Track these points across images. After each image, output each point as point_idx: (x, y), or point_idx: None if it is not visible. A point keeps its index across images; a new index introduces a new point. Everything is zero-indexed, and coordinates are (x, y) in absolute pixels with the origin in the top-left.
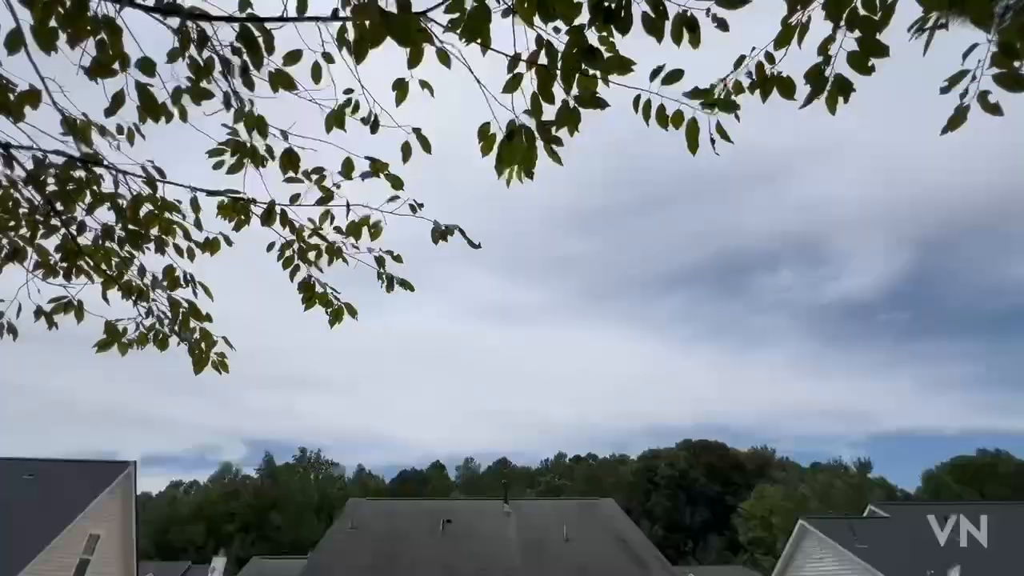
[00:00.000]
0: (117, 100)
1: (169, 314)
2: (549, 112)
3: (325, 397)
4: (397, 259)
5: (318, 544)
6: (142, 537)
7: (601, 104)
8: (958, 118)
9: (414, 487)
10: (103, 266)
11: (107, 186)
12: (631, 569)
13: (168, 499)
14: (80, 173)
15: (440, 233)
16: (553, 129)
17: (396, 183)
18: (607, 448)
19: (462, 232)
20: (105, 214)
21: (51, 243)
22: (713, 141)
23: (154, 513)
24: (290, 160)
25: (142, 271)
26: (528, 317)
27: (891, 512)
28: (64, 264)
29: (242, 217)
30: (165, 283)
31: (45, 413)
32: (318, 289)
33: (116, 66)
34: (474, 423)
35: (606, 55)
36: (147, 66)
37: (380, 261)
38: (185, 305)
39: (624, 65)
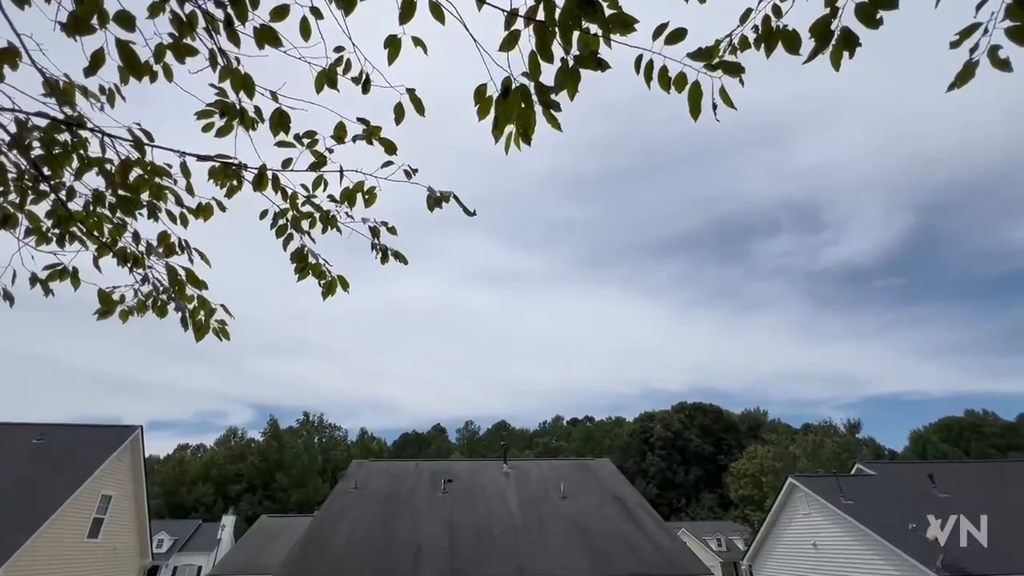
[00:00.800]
0: (97, 58)
1: (166, 282)
2: (548, 74)
3: (326, 363)
4: (392, 231)
5: (323, 503)
6: (152, 498)
7: (602, 65)
8: (967, 74)
9: (415, 449)
10: (96, 232)
11: (94, 150)
12: (626, 525)
13: (175, 461)
14: (65, 136)
15: (435, 200)
16: (552, 92)
17: (390, 148)
18: (604, 411)
19: (457, 199)
20: (94, 179)
21: (41, 209)
22: (715, 106)
23: (163, 475)
24: (281, 120)
25: (136, 237)
26: (527, 283)
27: (877, 470)
28: (56, 231)
29: (234, 183)
30: (160, 250)
31: (46, 381)
32: (311, 260)
33: (95, 21)
34: (473, 387)
35: (607, 11)
36: (126, 20)
37: (375, 232)
38: (182, 272)
39: (626, 24)
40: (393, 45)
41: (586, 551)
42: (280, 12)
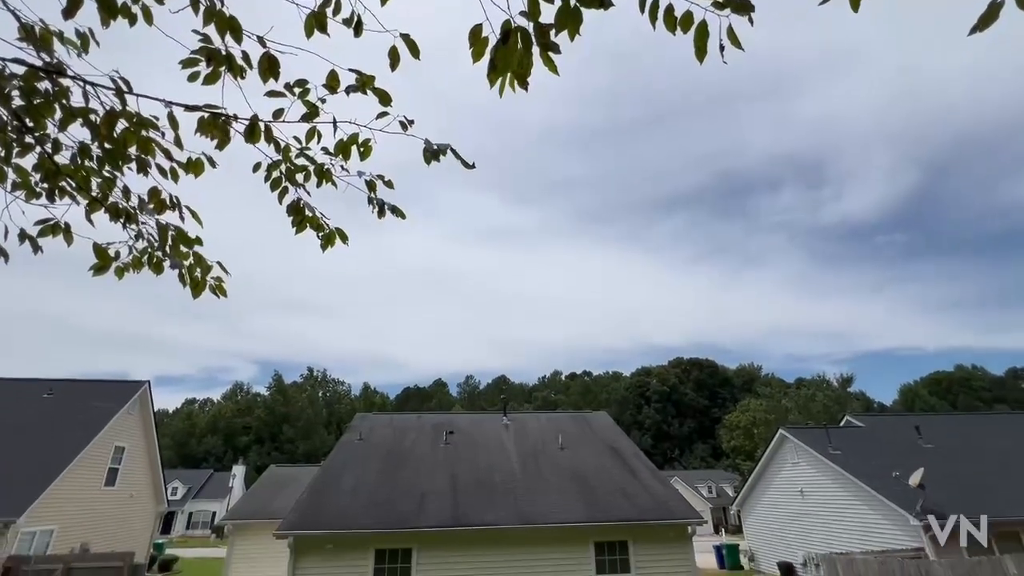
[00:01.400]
0: (74, 0)
1: (157, 239)
2: (548, 14)
3: (327, 321)
4: (388, 184)
5: (330, 453)
6: (164, 449)
7: (605, 3)
8: (990, 15)
9: (417, 403)
10: (85, 187)
11: (77, 100)
12: (621, 473)
13: (184, 415)
14: (46, 85)
15: (432, 153)
16: (552, 33)
17: (384, 98)
18: (601, 366)
19: (454, 152)
20: (80, 131)
21: (28, 162)
22: (722, 48)
23: (172, 428)
24: (270, 66)
25: (126, 192)
26: (525, 240)
27: (865, 422)
28: (45, 185)
29: (224, 134)
30: (151, 206)
31: (49, 339)
32: (308, 213)
33: None
34: (473, 343)
35: None
36: None
37: (371, 186)
38: (173, 230)
39: None
40: None
41: (582, 498)
42: None
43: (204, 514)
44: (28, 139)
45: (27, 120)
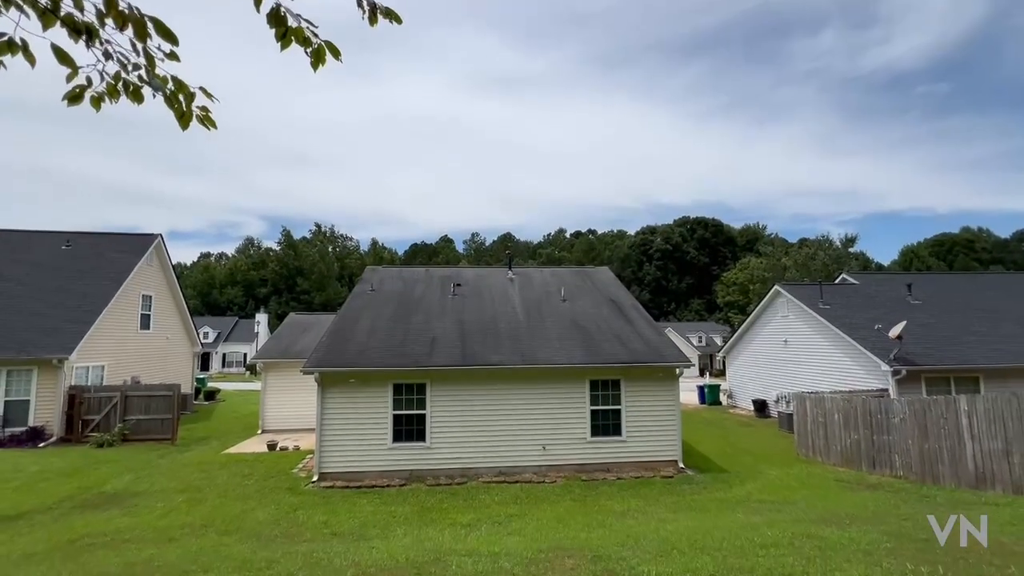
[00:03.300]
0: None
1: (132, 57)
2: None
3: (332, 176)
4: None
5: (345, 301)
6: (188, 299)
7: None
8: None
9: (424, 259)
10: None
11: None
12: (618, 323)
13: (201, 267)
14: None
15: None
16: None
17: None
18: (607, 224)
19: None
20: None
21: None
22: None
23: (193, 279)
24: None
25: (78, 3)
26: (532, 88)
27: (860, 280)
28: None
29: None
30: (109, 19)
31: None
32: (291, 23)
33: None
34: (479, 200)
35: None
36: None
37: None
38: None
39: None
40: None
41: (581, 343)
42: None
43: (236, 355)
44: None
45: None
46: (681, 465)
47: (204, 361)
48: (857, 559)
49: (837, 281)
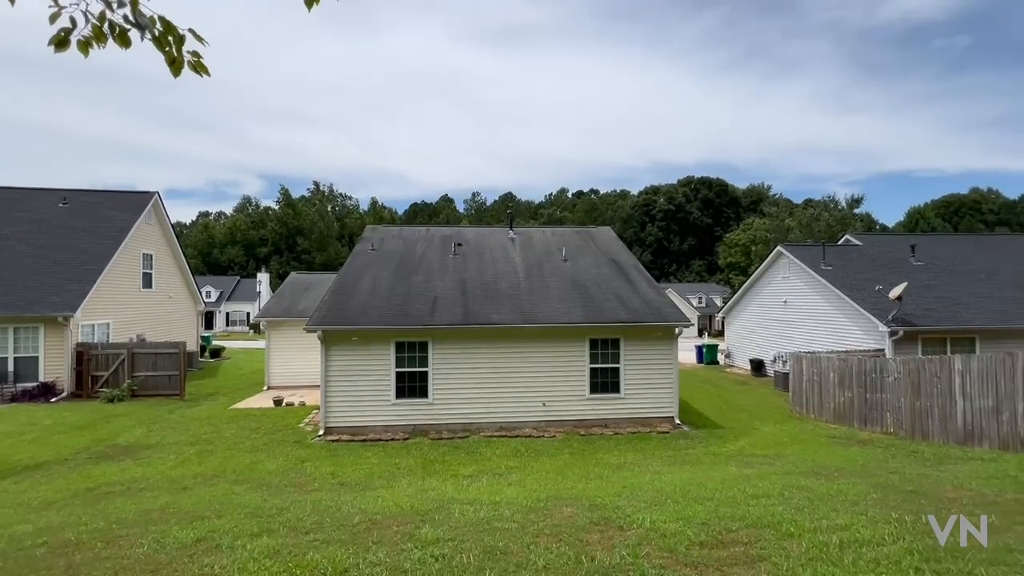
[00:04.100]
0: None
1: None
2: None
3: (329, 133)
4: None
5: (346, 261)
6: (189, 258)
7: None
8: None
9: (425, 218)
10: None
11: None
12: (619, 282)
13: (201, 226)
14: None
15: None
16: None
17: None
18: (609, 184)
19: None
20: None
21: None
22: None
23: (193, 238)
24: None
25: None
26: (535, 41)
27: (864, 241)
28: None
29: None
30: None
31: (52, 149)
32: None
33: None
34: (479, 158)
35: None
36: None
37: None
38: None
39: None
40: None
41: (581, 302)
42: None
43: (239, 314)
44: None
45: None
46: (677, 421)
47: (208, 320)
48: (844, 508)
49: (840, 242)
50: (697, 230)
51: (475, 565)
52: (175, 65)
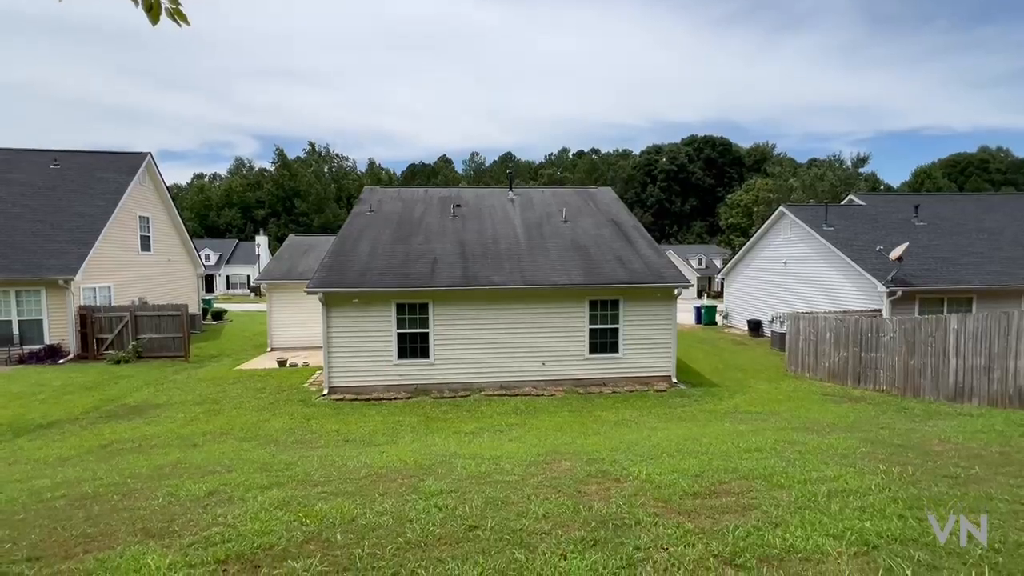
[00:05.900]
0: None
1: None
2: None
3: (323, 93)
4: None
5: (344, 222)
6: (186, 220)
7: None
8: None
9: (423, 179)
10: None
11: None
12: (619, 244)
13: (196, 189)
14: None
15: None
16: None
17: None
18: (611, 143)
19: None
20: None
21: None
22: None
23: (189, 200)
24: None
25: None
26: None
27: (868, 201)
28: None
29: None
30: None
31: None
32: None
33: None
34: (478, 117)
35: None
36: None
37: None
38: None
39: None
40: None
41: (581, 264)
42: None
43: (240, 276)
44: None
45: None
46: (674, 380)
47: (208, 283)
48: (834, 461)
49: (844, 202)
50: (699, 191)
51: (477, 514)
52: (152, 12)
